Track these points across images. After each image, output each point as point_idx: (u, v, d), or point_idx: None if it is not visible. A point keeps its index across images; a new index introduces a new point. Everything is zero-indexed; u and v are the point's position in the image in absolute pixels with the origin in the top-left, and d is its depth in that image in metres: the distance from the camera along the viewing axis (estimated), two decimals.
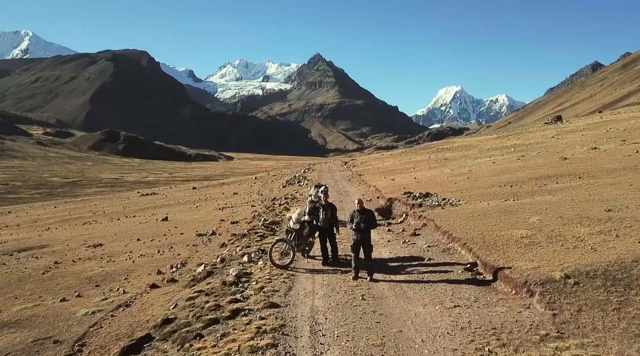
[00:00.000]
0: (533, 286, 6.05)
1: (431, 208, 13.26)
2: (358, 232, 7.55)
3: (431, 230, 10.85)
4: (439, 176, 22.08)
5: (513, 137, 50.35)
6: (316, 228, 8.75)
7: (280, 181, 41.69)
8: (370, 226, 7.67)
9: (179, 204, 31.11)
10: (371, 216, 7.77)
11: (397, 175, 27.38)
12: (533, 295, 5.94)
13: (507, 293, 6.45)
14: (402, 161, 41.60)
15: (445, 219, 11.02)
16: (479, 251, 8.10)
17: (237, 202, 26.06)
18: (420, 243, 10.06)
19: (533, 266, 6.68)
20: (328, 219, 8.66)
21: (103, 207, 37.12)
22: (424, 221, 11.88)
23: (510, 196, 13.43)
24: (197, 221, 18.83)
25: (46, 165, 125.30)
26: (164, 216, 21.36)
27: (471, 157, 33.40)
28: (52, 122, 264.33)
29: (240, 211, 20.00)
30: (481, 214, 10.83)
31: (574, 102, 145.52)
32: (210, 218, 19.08)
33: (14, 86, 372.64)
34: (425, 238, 10.38)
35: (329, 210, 8.74)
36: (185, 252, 12.33)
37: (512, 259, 7.29)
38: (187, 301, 6.96)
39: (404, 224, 12.76)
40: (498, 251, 7.84)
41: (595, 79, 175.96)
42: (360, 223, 7.51)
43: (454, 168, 25.79)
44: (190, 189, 48.08)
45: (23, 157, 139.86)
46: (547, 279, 6.09)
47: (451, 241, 9.35)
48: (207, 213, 22.05)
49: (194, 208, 26.09)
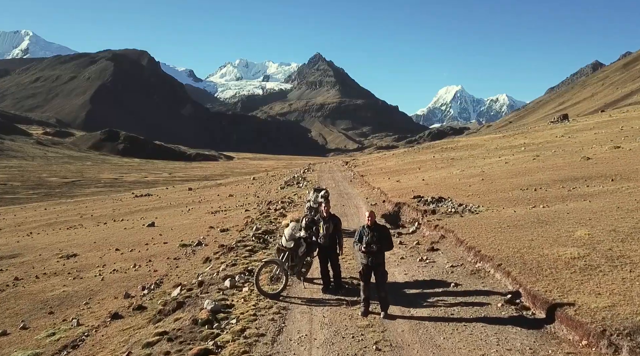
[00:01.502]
0: (616, 338, 4.34)
1: (447, 215, 11.54)
2: (369, 255, 5.84)
3: (452, 244, 9.13)
4: (449, 178, 20.36)
5: (520, 136, 48.74)
6: (315, 245, 7.02)
7: (278, 182, 40.00)
8: (384, 247, 5.95)
9: (172, 206, 29.42)
10: (385, 235, 6.03)
11: (402, 176, 25.69)
12: (619, 352, 4.23)
13: (575, 343, 4.74)
14: (406, 161, 39.90)
15: (468, 230, 9.31)
16: (520, 276, 6.39)
17: (232, 205, 24.38)
18: (441, 261, 8.34)
19: (605, 304, 4.97)
20: (330, 234, 6.93)
21: (93, 209, 35.45)
22: (441, 232, 10.16)
23: (538, 201, 11.72)
24: (185, 228, 17.15)
25: (45, 165, 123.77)
26: (151, 221, 19.68)
27: (479, 157, 31.73)
28: (52, 122, 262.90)
29: (233, 216, 18.32)
30: (510, 225, 9.12)
31: (576, 101, 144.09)
32: (200, 224, 17.39)
33: (14, 86, 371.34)
34: (446, 255, 8.66)
35: (330, 223, 7.01)
36: (164, 267, 10.64)
37: (570, 290, 5.58)
38: (144, 348, 5.26)
39: (417, 235, 11.04)
40: (546, 277, 6.12)
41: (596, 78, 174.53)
42: (371, 244, 5.79)
43: (464, 169, 24.09)
44: (186, 190, 46.40)
45: (22, 157, 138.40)
46: (636, 327, 4.38)
47: (480, 260, 7.63)
48: (198, 218, 20.37)
49: (186, 212, 24.41)
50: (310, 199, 12.24)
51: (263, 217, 14.62)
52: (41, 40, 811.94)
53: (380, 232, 5.95)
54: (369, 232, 5.89)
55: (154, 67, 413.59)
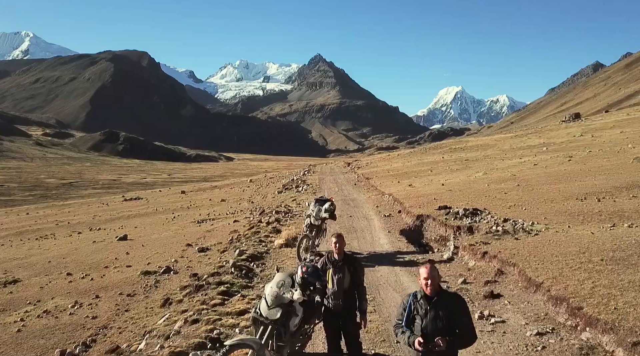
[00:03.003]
0: None
1: (494, 236, 8.61)
2: (429, 350, 2.90)
3: (519, 286, 6.22)
4: (474, 183, 17.40)
5: (533, 135, 46.04)
6: (319, 308, 4.11)
7: (276, 185, 37.07)
8: (460, 343, 2.99)
9: (157, 213, 26.51)
10: (461, 315, 3.03)
11: (414, 179, 22.77)
12: None
13: None
14: (413, 163, 36.95)
15: (537, 263, 6.41)
16: None
17: (222, 212, 21.49)
18: (514, 320, 5.40)
19: None
20: (344, 291, 4.04)
21: (75, 215, 32.53)
22: (494, 263, 7.24)
23: (614, 217, 8.80)
24: (160, 243, 14.26)
25: (44, 166, 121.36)
26: (125, 233, 16.78)
27: (496, 158, 28.81)
28: (51, 123, 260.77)
29: (219, 228, 15.42)
30: (605, 258, 6.20)
31: (578, 101, 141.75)
32: (179, 239, 14.49)
33: (14, 87, 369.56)
34: (518, 307, 5.72)
35: (346, 272, 4.10)
36: (110, 310, 7.74)
37: None
38: None
39: (457, 266, 8.09)
40: None
41: (598, 78, 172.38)
42: (435, 335, 2.87)
43: (486, 171, 21.14)
44: (179, 194, 43.46)
45: (21, 158, 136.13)
46: None
47: (587, 326, 4.71)
48: (180, 229, 17.47)
49: (170, 220, 21.51)
50: (311, 213, 9.34)
51: (252, 233, 11.70)
52: (42, 41, 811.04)
53: (451, 308, 2.98)
54: (427, 308, 2.97)
55: (154, 68, 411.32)
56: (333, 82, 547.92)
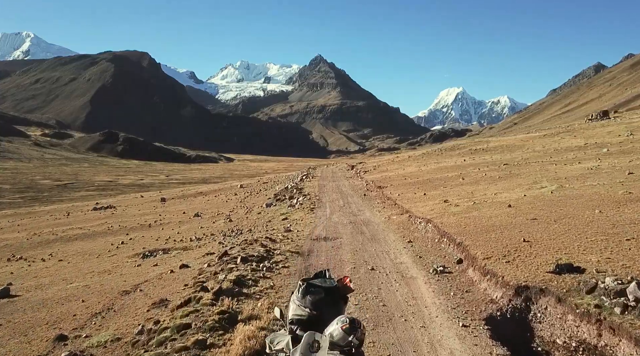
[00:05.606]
0: None
1: None
2: None
3: None
4: (558, 203, 11.00)
5: (566, 135, 40.51)
6: None
7: (269, 191, 31.35)
8: None
9: (109, 233, 20.76)
10: None
11: (444, 190, 16.96)
12: None
13: None
14: (432, 167, 30.67)
15: None
16: None
17: (185, 236, 15.82)
18: None
19: None
20: None
21: (18, 232, 26.59)
22: None
23: None
24: (53, 306, 8.36)
25: (41, 167, 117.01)
26: (8, 283, 10.84)
27: (545, 162, 22.29)
28: (51, 123, 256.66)
29: (164, 274, 9.52)
30: None
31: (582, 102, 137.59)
32: (68, 309, 8.41)
33: (15, 87, 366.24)
34: None
35: None
36: None
37: None
38: None
39: None
40: None
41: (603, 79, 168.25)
42: None
43: (554, 183, 14.92)
44: (157, 202, 37.72)
45: (19, 158, 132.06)
46: None
47: None
48: (108, 271, 11.65)
49: (114, 248, 15.80)
50: (300, 314, 3.27)
51: (181, 320, 5.75)
52: (42, 41, 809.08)
53: None
54: None
55: (155, 69, 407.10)
56: (334, 83, 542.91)
